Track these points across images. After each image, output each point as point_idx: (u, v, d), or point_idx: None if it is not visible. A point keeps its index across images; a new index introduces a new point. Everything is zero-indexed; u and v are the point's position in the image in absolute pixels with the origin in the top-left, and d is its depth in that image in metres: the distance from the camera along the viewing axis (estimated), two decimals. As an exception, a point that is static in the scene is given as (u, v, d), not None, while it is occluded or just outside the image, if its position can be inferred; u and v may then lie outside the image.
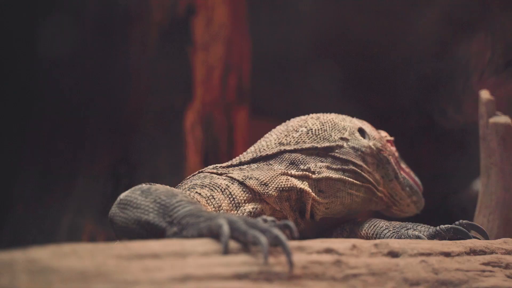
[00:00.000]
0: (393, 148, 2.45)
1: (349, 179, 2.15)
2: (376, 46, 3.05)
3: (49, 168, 3.88)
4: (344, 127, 2.27)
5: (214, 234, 1.36)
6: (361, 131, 2.32)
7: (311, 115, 2.34)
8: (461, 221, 1.95)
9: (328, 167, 2.14)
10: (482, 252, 1.70)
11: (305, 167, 2.12)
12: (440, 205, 3.32)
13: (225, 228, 1.33)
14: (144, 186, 1.67)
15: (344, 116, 2.37)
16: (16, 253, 1.14)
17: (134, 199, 1.61)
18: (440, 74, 3.34)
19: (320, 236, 1.63)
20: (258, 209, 1.96)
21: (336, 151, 2.19)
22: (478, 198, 2.60)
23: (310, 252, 1.39)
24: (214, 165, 2.12)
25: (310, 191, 2.08)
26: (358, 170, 2.19)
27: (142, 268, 1.19)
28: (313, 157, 2.15)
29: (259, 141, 2.26)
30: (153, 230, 1.52)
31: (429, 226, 1.99)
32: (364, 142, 2.27)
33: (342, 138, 2.23)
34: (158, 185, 1.70)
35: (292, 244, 1.39)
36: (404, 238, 1.96)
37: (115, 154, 3.88)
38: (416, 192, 2.42)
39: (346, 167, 2.17)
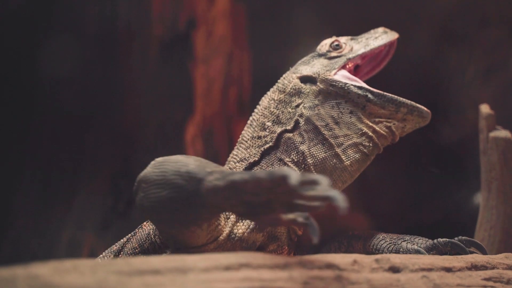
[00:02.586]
0: (342, 50, 2.22)
1: (332, 151, 2.03)
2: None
3: (49, 182, 3.87)
4: (290, 93, 2.14)
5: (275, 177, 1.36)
6: (304, 79, 2.17)
7: (262, 103, 2.22)
8: (460, 237, 1.92)
9: (308, 147, 2.04)
10: (484, 267, 1.70)
11: (290, 159, 2.05)
12: (441, 220, 3.32)
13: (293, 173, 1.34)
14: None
15: (283, 81, 2.22)
16: (17, 269, 1.14)
17: (174, 158, 1.64)
18: (433, 85, 3.38)
19: (317, 251, 1.63)
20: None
21: (301, 123, 2.07)
22: (479, 212, 2.60)
23: (311, 267, 1.39)
24: None
25: None
26: (330, 132, 2.04)
27: (143, 284, 1.19)
28: (288, 144, 2.08)
29: (236, 149, 2.18)
30: (191, 179, 1.54)
31: (427, 239, 1.98)
32: (313, 90, 2.11)
33: (297, 106, 2.11)
34: None
35: (293, 260, 1.39)
36: (403, 251, 1.94)
37: (116, 167, 3.88)
38: (402, 103, 2.08)
39: (321, 136, 2.04)
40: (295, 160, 2.05)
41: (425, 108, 2.12)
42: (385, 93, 2.08)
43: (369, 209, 3.36)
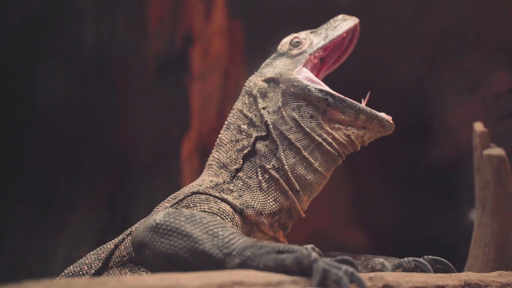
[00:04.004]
0: (302, 46, 2.21)
1: (300, 155, 2.03)
2: (370, 78, 3.10)
3: (46, 199, 3.87)
4: (256, 96, 2.14)
5: (303, 266, 1.35)
6: (268, 81, 2.15)
7: (236, 106, 2.21)
8: (426, 256, 1.93)
9: (283, 153, 2.03)
10: (477, 286, 1.70)
11: (270, 166, 2.04)
12: (435, 237, 3.32)
13: (321, 264, 1.33)
14: (184, 211, 1.57)
15: (249, 84, 2.21)
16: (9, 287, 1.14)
17: (181, 226, 1.51)
18: (427, 104, 3.41)
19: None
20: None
21: (271, 128, 2.07)
22: (473, 230, 2.60)
23: (304, 285, 1.39)
24: (203, 186, 2.04)
25: (298, 206, 2.05)
26: (294, 136, 2.04)
27: (136, 303, 1.19)
28: (266, 151, 2.07)
29: (216, 152, 2.17)
30: (209, 261, 1.46)
31: (395, 258, 1.99)
32: (277, 92, 2.11)
33: (264, 108, 2.11)
34: (197, 212, 1.61)
35: (286, 278, 1.39)
36: (370, 266, 1.96)
37: (112, 184, 3.88)
38: (361, 110, 2.05)
39: (287, 141, 2.04)
40: (276, 166, 2.04)
41: (387, 117, 2.08)
42: (346, 98, 2.07)
43: (365, 226, 3.36)
